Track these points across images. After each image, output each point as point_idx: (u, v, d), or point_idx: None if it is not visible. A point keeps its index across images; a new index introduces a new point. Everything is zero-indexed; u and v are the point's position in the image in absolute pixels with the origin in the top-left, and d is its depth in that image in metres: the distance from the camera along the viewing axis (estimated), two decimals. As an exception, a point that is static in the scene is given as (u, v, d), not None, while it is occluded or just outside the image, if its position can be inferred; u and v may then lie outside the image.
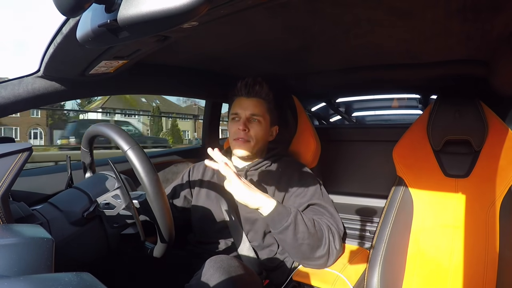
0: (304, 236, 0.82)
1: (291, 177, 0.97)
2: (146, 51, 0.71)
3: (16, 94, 0.77)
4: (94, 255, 0.74)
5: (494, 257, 0.83)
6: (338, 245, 0.88)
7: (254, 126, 0.97)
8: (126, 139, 0.63)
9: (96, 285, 0.28)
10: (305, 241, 0.82)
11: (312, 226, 0.84)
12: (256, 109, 0.97)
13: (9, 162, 0.52)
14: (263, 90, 0.99)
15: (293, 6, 0.63)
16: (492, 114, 0.93)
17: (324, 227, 0.87)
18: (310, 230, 0.83)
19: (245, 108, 0.97)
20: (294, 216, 0.82)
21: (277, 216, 0.81)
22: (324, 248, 0.85)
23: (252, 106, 0.98)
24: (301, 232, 0.82)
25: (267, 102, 1.00)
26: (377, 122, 2.61)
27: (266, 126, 1.00)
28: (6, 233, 0.40)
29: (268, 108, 1.01)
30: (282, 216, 0.81)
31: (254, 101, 0.98)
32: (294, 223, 0.81)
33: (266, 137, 1.02)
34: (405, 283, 0.89)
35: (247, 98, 0.99)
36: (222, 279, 0.66)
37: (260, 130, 0.98)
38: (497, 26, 0.69)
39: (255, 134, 0.97)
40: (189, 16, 0.31)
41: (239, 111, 0.98)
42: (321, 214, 0.92)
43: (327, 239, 0.86)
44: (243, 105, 0.98)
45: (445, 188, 0.93)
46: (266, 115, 1.00)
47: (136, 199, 0.69)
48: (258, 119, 0.98)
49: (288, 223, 0.81)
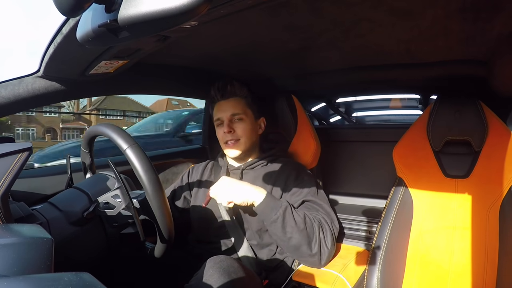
0: (292, 231, 0.83)
1: (288, 177, 0.97)
2: (146, 51, 0.71)
3: (16, 94, 0.77)
4: (93, 255, 0.74)
5: (494, 257, 0.83)
6: (329, 243, 0.88)
7: (239, 125, 0.98)
8: (125, 138, 0.63)
9: (96, 285, 0.28)
10: (293, 235, 0.83)
11: (302, 222, 0.84)
12: (235, 108, 0.99)
13: (9, 162, 0.52)
14: (235, 88, 1.00)
15: (293, 6, 0.63)
16: (492, 114, 0.93)
17: (316, 224, 0.87)
18: (299, 225, 0.83)
19: (224, 111, 0.99)
20: (283, 210, 0.83)
21: (266, 208, 0.83)
22: (315, 245, 0.85)
23: (230, 106, 0.99)
24: (290, 227, 0.83)
25: (243, 98, 1.01)
26: (377, 122, 2.61)
27: (251, 121, 1.01)
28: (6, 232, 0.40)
29: (246, 104, 1.02)
30: (271, 208, 0.83)
31: (231, 101, 1.00)
32: (282, 216, 0.82)
33: (255, 131, 1.03)
34: (405, 283, 0.89)
35: (224, 101, 1.00)
36: (222, 279, 0.66)
37: (246, 126, 0.99)
38: (497, 26, 0.69)
39: (242, 131, 0.98)
40: (189, 16, 0.31)
41: (220, 115, 1.00)
42: (315, 210, 0.92)
43: (318, 237, 0.86)
44: (222, 108, 1.00)
45: (445, 189, 0.93)
46: (247, 111, 1.01)
47: (136, 199, 0.69)
48: (240, 117, 0.99)
49: (276, 216, 0.82)
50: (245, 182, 0.88)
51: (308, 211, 0.91)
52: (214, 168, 1.08)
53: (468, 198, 0.90)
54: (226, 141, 0.98)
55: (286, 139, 1.23)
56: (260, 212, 0.85)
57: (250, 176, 0.99)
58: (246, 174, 1.00)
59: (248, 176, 0.99)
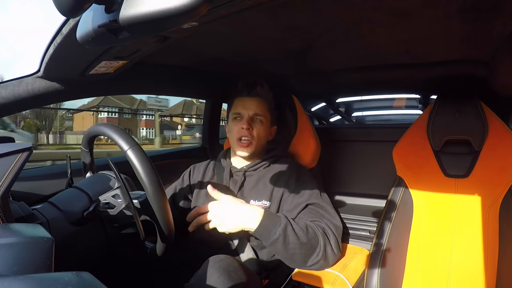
0: (295, 247, 0.80)
1: (289, 178, 0.97)
2: (146, 51, 0.71)
3: (16, 94, 0.77)
4: (94, 254, 0.74)
5: (494, 257, 0.83)
6: (335, 249, 0.86)
7: (257, 126, 0.98)
8: (126, 139, 0.63)
9: (96, 284, 0.28)
10: (296, 250, 0.80)
11: (304, 235, 0.81)
12: (258, 108, 0.98)
13: (9, 162, 0.52)
14: (263, 90, 1.00)
15: (293, 6, 0.63)
16: (492, 114, 0.93)
17: (319, 233, 0.85)
18: (301, 240, 0.80)
19: (248, 108, 0.98)
20: (283, 229, 0.79)
21: (263, 230, 0.79)
22: (319, 255, 0.83)
23: (255, 105, 0.98)
24: (292, 243, 0.80)
25: (267, 101, 1.01)
26: (377, 122, 2.61)
27: (267, 125, 1.01)
28: (6, 232, 0.40)
29: (269, 108, 1.01)
30: (269, 230, 0.79)
31: (256, 100, 0.99)
32: (283, 235, 0.79)
33: (266, 137, 1.03)
34: (405, 283, 0.89)
35: (248, 98, 0.99)
36: (222, 279, 0.66)
37: (263, 130, 0.99)
38: (497, 26, 0.69)
39: (257, 133, 0.98)
40: (189, 16, 0.31)
41: (241, 110, 0.98)
42: (319, 215, 0.91)
43: (322, 246, 0.83)
44: (245, 105, 0.99)
45: (445, 188, 0.93)
46: (267, 115, 1.01)
47: (137, 199, 0.69)
48: (260, 119, 0.98)
49: (276, 235, 0.78)
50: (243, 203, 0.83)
51: (312, 216, 0.89)
52: (217, 169, 1.07)
53: (468, 197, 0.90)
54: (240, 138, 0.97)
55: (286, 139, 1.23)
56: (258, 236, 0.81)
57: (253, 178, 0.99)
58: (248, 176, 1.00)
59: (251, 178, 0.99)
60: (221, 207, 0.81)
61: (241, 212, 0.81)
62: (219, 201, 0.83)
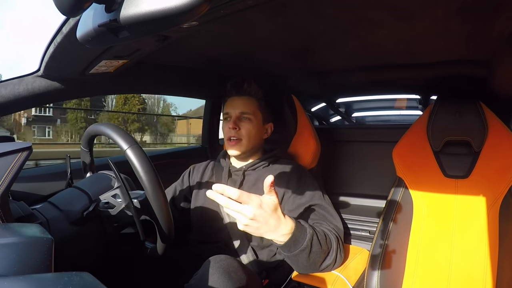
0: (316, 256, 0.78)
1: (290, 178, 0.97)
2: (146, 51, 0.71)
3: (16, 93, 0.77)
4: (93, 254, 0.74)
5: (494, 257, 0.83)
6: (342, 252, 0.88)
7: (245, 124, 0.98)
8: (125, 138, 0.63)
9: (96, 284, 0.28)
10: (316, 259, 0.79)
11: (324, 243, 0.80)
12: (245, 107, 0.98)
13: (8, 161, 0.52)
14: (252, 88, 1.00)
15: (293, 6, 0.63)
16: (492, 115, 0.93)
17: (333, 239, 0.84)
18: (323, 248, 0.79)
19: (235, 107, 0.98)
20: (309, 239, 0.75)
21: (290, 242, 0.73)
22: (330, 258, 0.83)
23: (242, 104, 0.98)
24: (314, 252, 0.77)
25: (257, 99, 1.01)
26: (377, 122, 2.61)
27: (258, 123, 1.00)
28: (6, 232, 0.40)
29: (258, 106, 1.01)
30: (297, 241, 0.74)
31: (244, 99, 0.99)
32: (310, 246, 0.75)
33: (259, 135, 1.02)
34: (405, 283, 0.89)
35: (237, 97, 1.00)
36: (222, 279, 0.66)
37: (252, 128, 0.98)
38: (497, 26, 0.69)
39: (246, 132, 0.97)
40: (189, 16, 0.31)
41: (229, 110, 0.99)
42: (322, 217, 0.91)
43: (334, 251, 0.84)
44: (233, 104, 0.99)
45: (445, 189, 0.93)
46: (257, 113, 1.00)
47: (136, 199, 0.69)
48: (248, 117, 0.98)
49: (303, 246, 0.74)
50: (281, 215, 0.71)
51: (315, 218, 0.89)
52: (216, 169, 1.07)
53: (468, 198, 0.90)
54: (229, 137, 0.97)
55: (286, 139, 1.22)
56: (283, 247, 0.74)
57: (252, 177, 0.99)
58: (248, 175, 1.00)
59: (250, 178, 0.99)
60: (262, 213, 0.66)
61: (279, 225, 0.70)
62: (261, 203, 0.66)
